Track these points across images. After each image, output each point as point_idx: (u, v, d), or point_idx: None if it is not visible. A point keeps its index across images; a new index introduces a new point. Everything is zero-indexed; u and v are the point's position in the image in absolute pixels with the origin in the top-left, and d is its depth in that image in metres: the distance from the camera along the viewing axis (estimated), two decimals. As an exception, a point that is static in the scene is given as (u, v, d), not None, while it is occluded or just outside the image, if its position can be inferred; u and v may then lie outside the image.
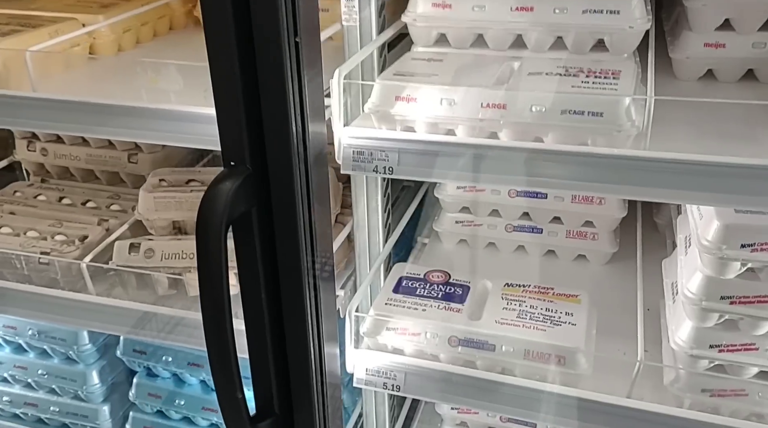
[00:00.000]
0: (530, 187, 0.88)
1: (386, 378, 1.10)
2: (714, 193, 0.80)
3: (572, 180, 0.86)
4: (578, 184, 0.86)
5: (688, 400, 0.97)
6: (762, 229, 0.84)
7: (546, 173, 0.87)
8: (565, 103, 0.85)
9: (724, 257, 0.86)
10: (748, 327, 0.90)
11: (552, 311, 1.10)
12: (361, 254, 1.31)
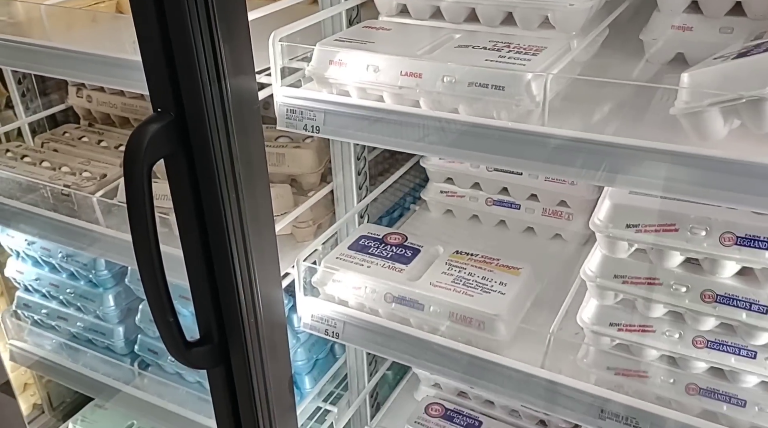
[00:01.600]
0: (439, 154, 0.92)
1: (328, 325, 1.19)
2: (605, 172, 0.81)
3: (474, 151, 0.89)
4: (479, 155, 0.89)
5: (594, 376, 0.98)
6: (648, 211, 0.84)
7: (452, 143, 0.91)
8: (472, 75, 0.88)
9: (610, 235, 0.86)
10: (644, 307, 0.90)
11: (487, 279, 1.14)
12: (338, 213, 1.40)
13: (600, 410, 0.97)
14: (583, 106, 0.95)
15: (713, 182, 0.75)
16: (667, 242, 0.83)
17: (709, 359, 0.88)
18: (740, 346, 0.86)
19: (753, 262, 0.80)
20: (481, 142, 0.89)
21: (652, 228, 0.83)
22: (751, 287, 0.82)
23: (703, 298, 0.84)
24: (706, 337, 0.88)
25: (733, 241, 0.79)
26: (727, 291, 0.83)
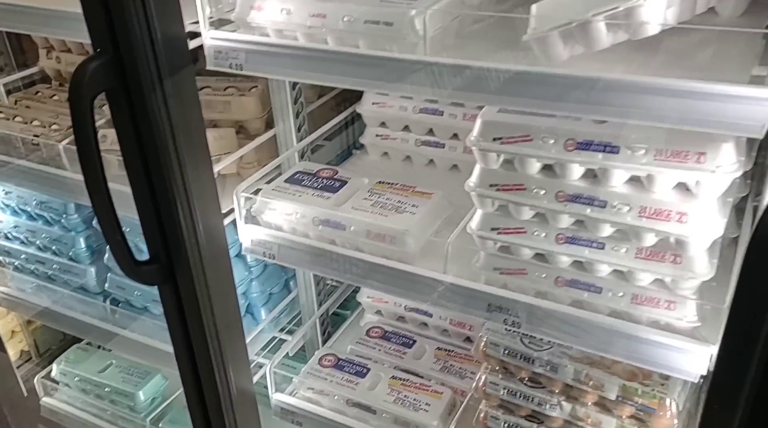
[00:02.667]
0: (343, 85, 1.07)
1: (264, 248, 1.35)
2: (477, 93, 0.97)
3: (372, 80, 1.04)
4: (374, 83, 1.04)
5: (484, 277, 1.15)
6: (511, 126, 0.99)
7: (353, 74, 1.06)
8: (367, 14, 1.03)
9: (481, 148, 1.02)
10: (515, 211, 1.06)
11: (402, 203, 1.30)
12: (281, 152, 1.56)
13: (488, 304, 1.14)
14: (470, 41, 1.10)
15: (556, 95, 0.90)
16: (524, 150, 0.99)
17: (569, 252, 1.05)
18: (591, 239, 1.02)
19: (591, 163, 0.96)
20: (376, 71, 1.04)
21: (512, 140, 0.99)
22: (592, 186, 0.98)
23: (558, 198, 1.00)
24: (565, 234, 1.04)
25: (575, 146, 0.95)
26: (575, 191, 0.99)
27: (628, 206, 0.95)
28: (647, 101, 0.83)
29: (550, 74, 0.90)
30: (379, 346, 1.67)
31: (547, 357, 1.21)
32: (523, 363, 1.24)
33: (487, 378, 1.30)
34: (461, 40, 1.12)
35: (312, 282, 1.76)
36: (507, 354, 1.25)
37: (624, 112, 0.84)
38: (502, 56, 0.99)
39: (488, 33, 1.12)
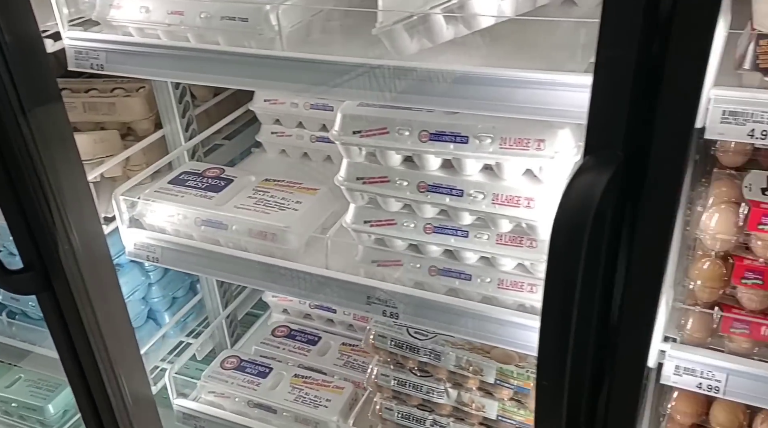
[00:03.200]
0: (205, 82, 1.06)
1: (148, 251, 1.33)
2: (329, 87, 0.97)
3: (233, 77, 1.03)
4: (235, 80, 1.03)
5: (363, 270, 1.15)
6: (369, 119, 1.00)
7: (215, 71, 1.04)
8: (223, 10, 1.02)
9: (342, 142, 1.02)
10: (383, 203, 1.07)
11: (286, 199, 1.29)
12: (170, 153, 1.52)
13: (367, 297, 1.15)
14: (336, 36, 1.11)
15: (408, 88, 0.91)
16: (382, 143, 1.00)
17: (437, 241, 1.06)
18: (456, 228, 1.04)
19: (443, 154, 0.97)
20: (237, 68, 1.03)
21: (371, 132, 1.00)
22: (450, 176, 0.99)
23: (419, 189, 1.01)
24: (432, 224, 1.05)
25: (428, 137, 0.96)
26: (434, 181, 1.00)
27: (483, 193, 0.97)
28: (486, 92, 0.85)
29: (398, 67, 0.90)
30: (283, 345, 1.66)
31: (431, 345, 1.23)
32: (409, 353, 1.25)
33: (378, 370, 1.31)
34: (328, 35, 1.12)
35: (215, 284, 1.74)
36: (394, 345, 1.26)
37: (464, 103, 0.86)
38: (359, 51, 1.00)
39: (357, 28, 1.12)
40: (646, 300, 0.71)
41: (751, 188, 0.88)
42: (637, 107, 0.62)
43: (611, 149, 0.65)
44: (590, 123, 0.64)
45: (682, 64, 0.58)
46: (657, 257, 0.68)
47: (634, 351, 0.76)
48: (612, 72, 0.61)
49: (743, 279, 0.89)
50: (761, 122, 0.76)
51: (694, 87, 0.59)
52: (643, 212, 0.67)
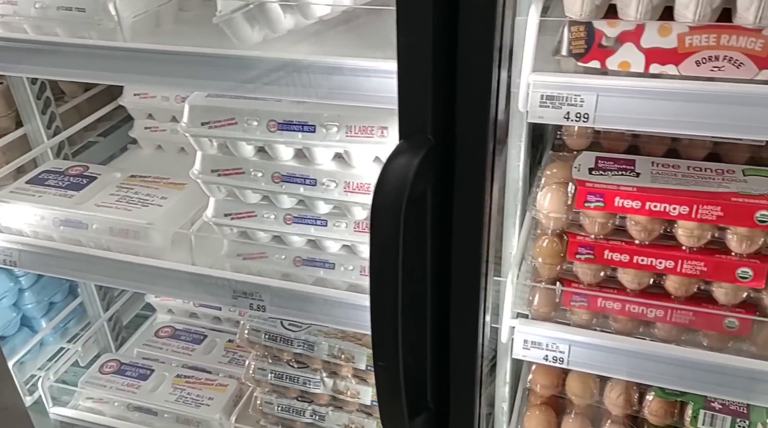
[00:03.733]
0: (47, 76, 1.01)
1: (5, 255, 1.26)
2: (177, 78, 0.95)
3: (76, 69, 0.99)
4: (78, 72, 0.99)
5: (229, 264, 1.14)
6: (217, 109, 0.99)
7: (58, 63, 1.00)
8: (59, 0, 0.98)
9: (190, 134, 1.01)
10: (241, 195, 1.06)
11: (150, 196, 1.26)
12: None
13: (233, 291, 1.14)
14: (188, 27, 1.08)
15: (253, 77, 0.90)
16: (230, 133, 0.99)
17: (298, 232, 1.06)
18: (315, 217, 1.04)
19: (293, 143, 0.98)
20: (80, 60, 0.99)
21: (219, 124, 0.99)
22: (303, 166, 1.00)
23: (274, 180, 1.01)
24: (292, 214, 1.06)
25: (276, 127, 0.96)
26: (288, 171, 1.00)
27: (335, 182, 0.98)
28: (327, 81, 0.85)
29: (238, 57, 0.89)
30: (167, 346, 1.62)
31: (304, 336, 1.23)
32: (284, 346, 1.25)
33: (255, 364, 1.30)
34: (182, 26, 1.10)
35: (94, 287, 1.67)
36: (268, 338, 1.25)
37: (305, 92, 0.86)
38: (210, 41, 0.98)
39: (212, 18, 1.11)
40: (468, 277, 0.74)
41: (580, 169, 0.94)
42: (440, 93, 0.65)
43: (422, 134, 0.67)
44: (401, 109, 0.66)
45: (471, 51, 0.61)
46: (473, 235, 0.71)
47: (465, 328, 0.80)
48: (412, 59, 0.63)
49: (577, 255, 0.94)
50: (574, 104, 0.80)
51: (484, 72, 0.61)
52: (459, 193, 0.70)
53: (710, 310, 0.91)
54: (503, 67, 0.69)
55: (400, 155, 0.66)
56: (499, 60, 0.64)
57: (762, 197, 0.84)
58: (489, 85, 0.62)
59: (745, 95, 0.73)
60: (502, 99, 0.72)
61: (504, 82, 0.72)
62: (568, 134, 1.06)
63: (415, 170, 0.65)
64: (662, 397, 1.05)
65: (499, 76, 0.65)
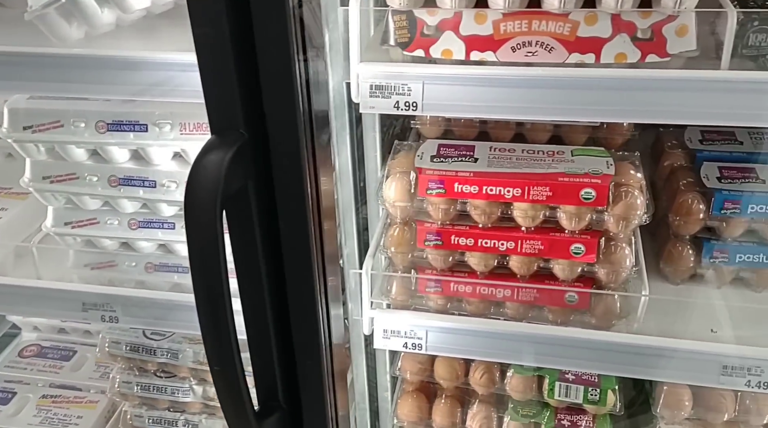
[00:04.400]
0: None
1: None
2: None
3: None
4: None
5: (77, 275, 1.08)
6: (40, 112, 0.93)
7: None
8: None
9: (14, 140, 0.95)
10: (79, 202, 1.00)
11: (-12, 208, 1.16)
12: None
13: (82, 303, 1.07)
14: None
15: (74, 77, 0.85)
16: (57, 137, 0.93)
17: (145, 237, 1.02)
18: (161, 220, 1.00)
19: (125, 144, 0.93)
20: None
21: (43, 127, 0.92)
22: (141, 167, 0.95)
23: (111, 183, 0.96)
24: (136, 218, 1.01)
25: (106, 128, 0.92)
26: (125, 174, 0.95)
27: (176, 183, 0.94)
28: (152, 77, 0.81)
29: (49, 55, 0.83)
30: (32, 365, 1.51)
31: (167, 345, 1.18)
32: (147, 356, 1.20)
33: (119, 378, 1.24)
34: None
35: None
36: (130, 349, 1.19)
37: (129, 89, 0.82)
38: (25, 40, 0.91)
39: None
40: (301, 272, 0.73)
41: (422, 157, 0.95)
42: (247, 86, 0.63)
43: (234, 129, 0.65)
44: (208, 104, 0.64)
45: (268, 42, 0.60)
46: (299, 229, 0.70)
47: (305, 324, 0.79)
48: (211, 51, 0.61)
49: (426, 242, 0.95)
50: (403, 94, 0.80)
51: (284, 64, 0.60)
52: (279, 186, 0.68)
53: (550, 286, 0.94)
54: (318, 58, 0.68)
55: (211, 152, 0.63)
56: (303, 50, 0.62)
57: (586, 176, 0.88)
58: (291, 77, 0.61)
59: (556, 79, 0.76)
60: (322, 90, 0.71)
61: (324, 72, 0.71)
62: (422, 123, 1.07)
63: (227, 166, 0.63)
64: (521, 373, 1.09)
65: (306, 67, 0.64)
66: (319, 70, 0.69)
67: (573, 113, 0.79)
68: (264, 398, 0.85)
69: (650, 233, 1.07)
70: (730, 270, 0.99)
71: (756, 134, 1.06)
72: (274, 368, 0.83)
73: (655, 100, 0.74)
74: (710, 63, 0.74)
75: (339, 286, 0.90)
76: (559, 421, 1.11)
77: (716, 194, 0.94)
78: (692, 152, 1.04)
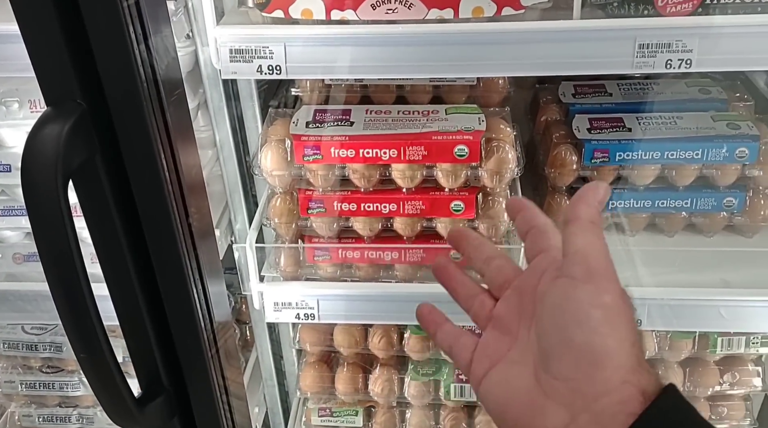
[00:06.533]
0: None
1: None
2: None
3: None
4: None
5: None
6: None
7: None
8: None
9: None
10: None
11: None
12: None
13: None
14: None
15: None
16: None
17: (8, 226, 0.95)
18: (23, 207, 0.94)
19: None
20: None
21: None
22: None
23: None
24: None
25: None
26: None
27: (33, 165, 0.88)
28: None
29: None
30: None
31: (50, 338, 1.12)
32: (29, 352, 1.13)
33: (1, 378, 1.16)
34: None
35: None
36: (8, 347, 1.12)
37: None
38: None
39: None
40: (166, 246, 0.70)
41: (297, 124, 0.93)
42: (78, 52, 0.58)
43: (71, 100, 0.61)
44: (37, 73, 0.59)
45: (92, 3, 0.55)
46: (156, 203, 0.67)
47: (178, 302, 0.76)
48: (32, 15, 0.56)
49: (309, 210, 0.94)
50: (265, 57, 0.78)
51: (114, 27, 0.56)
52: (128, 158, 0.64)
53: (435, 246, 0.96)
54: (162, 20, 0.64)
55: (47, 125, 0.59)
56: (138, 12, 0.59)
57: (459, 133, 0.88)
58: (124, 41, 0.57)
59: (415, 35, 0.76)
60: (169, 55, 0.67)
61: (169, 36, 0.67)
62: (302, 90, 1.04)
63: (65, 138, 0.59)
64: (417, 333, 1.10)
65: (144, 30, 0.60)
66: (163, 34, 0.65)
67: (435, 70, 0.80)
68: (146, 382, 0.82)
69: (532, 188, 1.10)
70: (604, 217, 1.04)
71: (624, 85, 1.10)
72: (153, 350, 0.80)
73: (512, 53, 0.75)
74: (563, 14, 0.76)
75: (218, 261, 0.87)
76: (458, 376, 1.14)
77: (586, 145, 0.98)
78: (566, 106, 1.07)
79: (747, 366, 1.13)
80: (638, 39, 0.73)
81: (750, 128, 0.97)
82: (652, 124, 1.00)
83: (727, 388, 1.13)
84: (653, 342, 1.09)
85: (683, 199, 1.01)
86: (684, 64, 0.75)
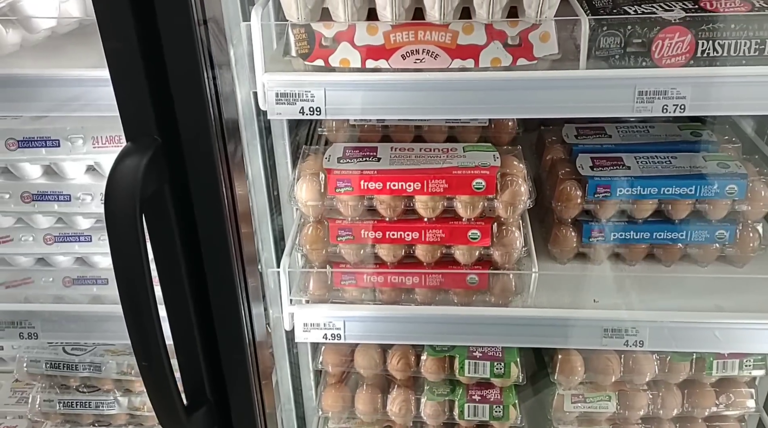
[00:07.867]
0: None
1: None
2: None
3: None
4: None
5: (-11, 295, 1.07)
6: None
7: None
8: None
9: None
10: None
11: None
12: None
13: None
14: None
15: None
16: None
17: (61, 251, 1.03)
18: (77, 234, 1.02)
19: (37, 160, 0.95)
20: None
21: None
22: (54, 182, 0.98)
23: (24, 200, 0.98)
24: (51, 233, 1.02)
25: (17, 145, 0.94)
26: (38, 189, 0.97)
27: (91, 195, 0.97)
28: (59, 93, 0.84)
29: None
30: (-60, 398, 1.46)
31: (89, 358, 1.19)
32: (69, 372, 1.20)
33: (41, 397, 1.23)
34: None
35: None
36: (50, 367, 1.19)
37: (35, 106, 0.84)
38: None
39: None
40: (220, 270, 0.78)
41: (330, 159, 1.02)
42: (159, 94, 0.68)
43: (148, 136, 0.70)
44: (122, 113, 0.69)
45: (176, 54, 0.65)
46: (217, 229, 0.76)
47: (228, 321, 0.83)
48: (121, 64, 0.65)
49: (338, 237, 1.03)
50: (307, 100, 0.88)
51: (192, 73, 0.66)
52: (194, 188, 0.73)
53: (453, 270, 1.04)
54: (224, 68, 0.74)
55: (127, 158, 0.68)
56: (210, 60, 0.68)
57: (476, 168, 0.98)
58: (199, 86, 0.67)
59: (441, 82, 0.86)
60: (230, 99, 0.77)
61: (230, 83, 0.77)
62: (328, 130, 1.14)
63: (143, 170, 0.68)
64: (433, 355, 1.18)
65: (214, 76, 0.70)
66: (225, 80, 0.75)
67: (457, 112, 0.90)
68: (191, 393, 0.89)
69: (539, 220, 1.19)
70: (607, 247, 1.13)
71: (622, 127, 1.21)
72: (200, 364, 0.87)
73: (526, 98, 0.85)
74: (571, 64, 0.87)
75: (258, 287, 0.95)
76: (471, 396, 1.21)
77: (590, 181, 1.07)
78: (569, 146, 1.18)
79: (741, 388, 1.20)
80: (638, 87, 0.84)
81: (738, 167, 1.07)
82: (649, 163, 1.10)
83: (723, 409, 1.20)
84: (654, 364, 1.16)
85: (679, 231, 1.10)
86: (678, 109, 0.85)
